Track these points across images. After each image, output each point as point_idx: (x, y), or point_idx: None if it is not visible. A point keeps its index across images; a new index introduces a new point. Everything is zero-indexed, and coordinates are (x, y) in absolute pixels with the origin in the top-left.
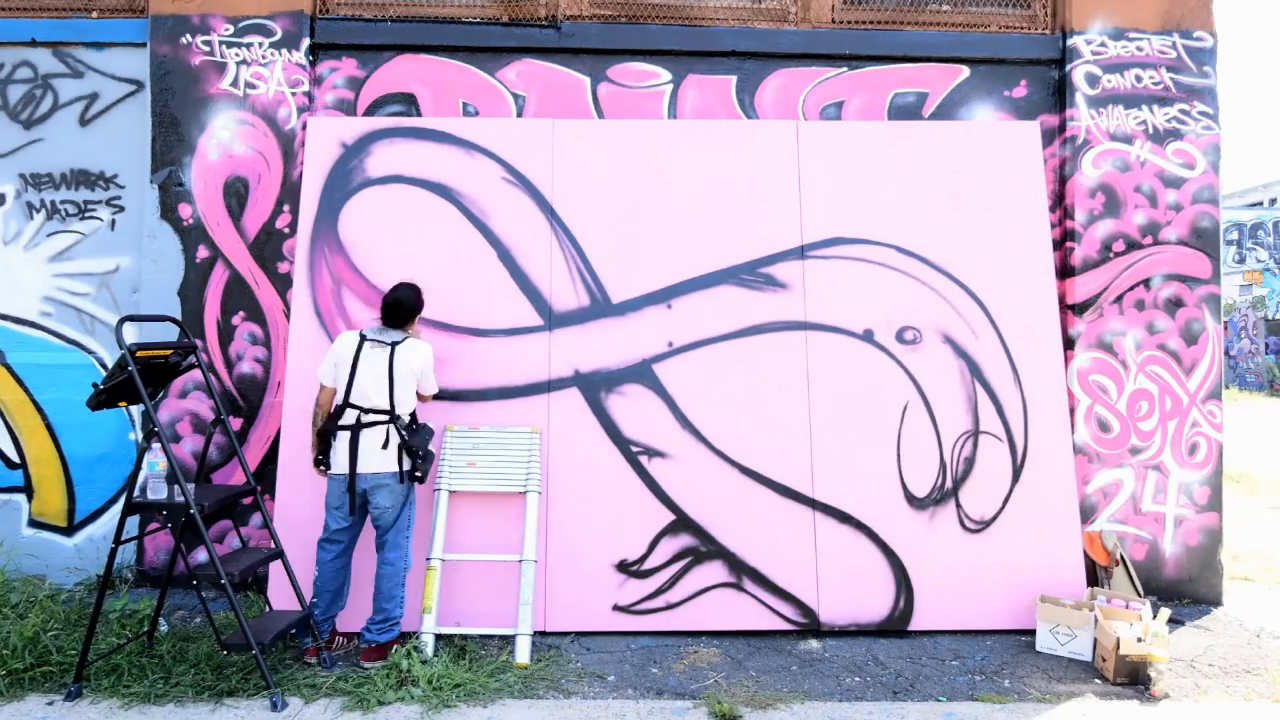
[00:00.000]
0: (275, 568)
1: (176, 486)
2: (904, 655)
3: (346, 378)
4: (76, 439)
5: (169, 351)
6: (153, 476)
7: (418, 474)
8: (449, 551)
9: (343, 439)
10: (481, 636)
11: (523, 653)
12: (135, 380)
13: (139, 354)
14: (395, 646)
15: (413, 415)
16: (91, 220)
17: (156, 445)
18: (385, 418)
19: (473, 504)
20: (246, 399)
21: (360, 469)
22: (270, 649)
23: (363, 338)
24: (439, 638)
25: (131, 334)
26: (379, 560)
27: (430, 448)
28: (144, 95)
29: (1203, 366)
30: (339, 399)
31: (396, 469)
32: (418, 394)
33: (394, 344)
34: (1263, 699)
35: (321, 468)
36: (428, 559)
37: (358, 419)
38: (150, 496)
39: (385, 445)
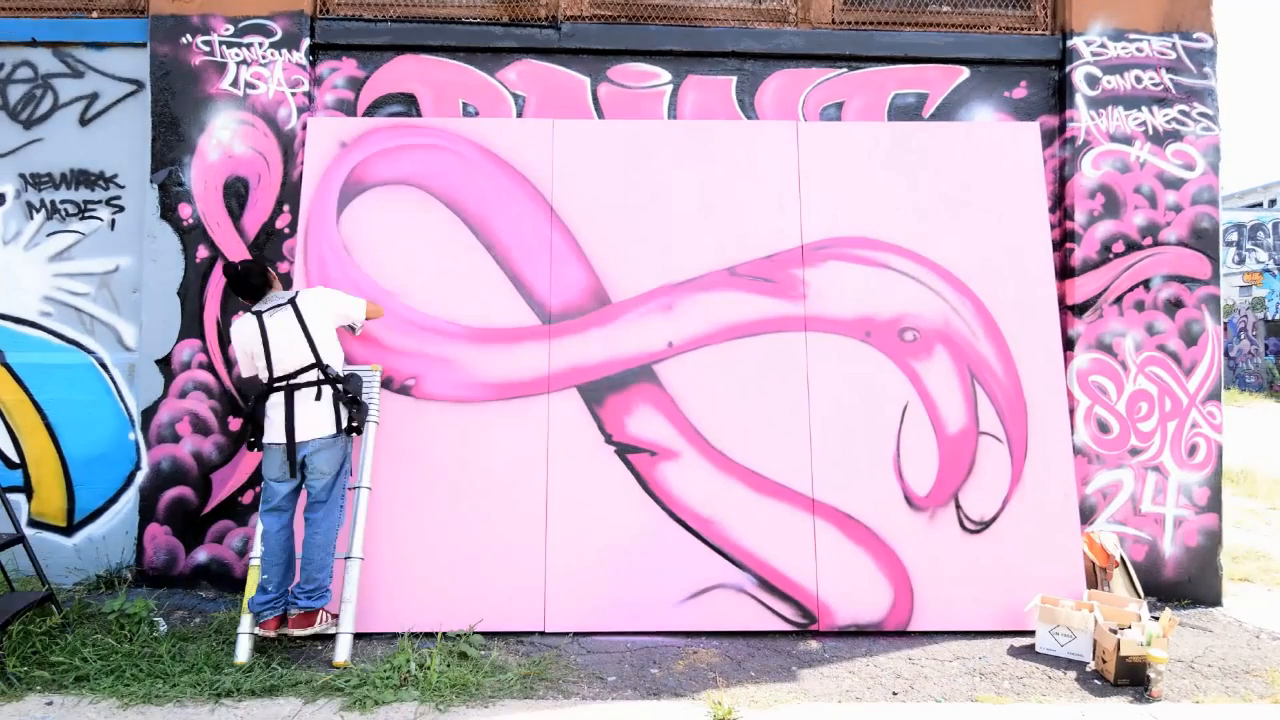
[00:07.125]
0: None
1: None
2: (904, 655)
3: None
4: (76, 439)
5: None
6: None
7: (355, 425)
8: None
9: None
10: (483, 636)
11: (343, 652)
12: None
13: None
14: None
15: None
16: (91, 220)
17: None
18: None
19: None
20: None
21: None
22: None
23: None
24: (441, 637)
25: (131, 336)
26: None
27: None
28: (144, 95)
29: (1202, 367)
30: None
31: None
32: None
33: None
34: (1262, 700)
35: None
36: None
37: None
38: None
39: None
